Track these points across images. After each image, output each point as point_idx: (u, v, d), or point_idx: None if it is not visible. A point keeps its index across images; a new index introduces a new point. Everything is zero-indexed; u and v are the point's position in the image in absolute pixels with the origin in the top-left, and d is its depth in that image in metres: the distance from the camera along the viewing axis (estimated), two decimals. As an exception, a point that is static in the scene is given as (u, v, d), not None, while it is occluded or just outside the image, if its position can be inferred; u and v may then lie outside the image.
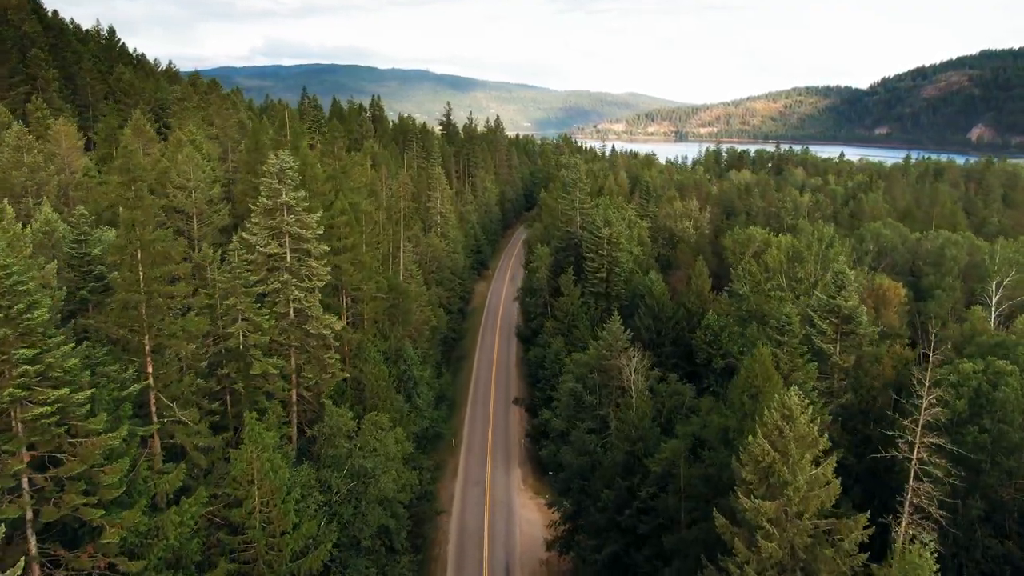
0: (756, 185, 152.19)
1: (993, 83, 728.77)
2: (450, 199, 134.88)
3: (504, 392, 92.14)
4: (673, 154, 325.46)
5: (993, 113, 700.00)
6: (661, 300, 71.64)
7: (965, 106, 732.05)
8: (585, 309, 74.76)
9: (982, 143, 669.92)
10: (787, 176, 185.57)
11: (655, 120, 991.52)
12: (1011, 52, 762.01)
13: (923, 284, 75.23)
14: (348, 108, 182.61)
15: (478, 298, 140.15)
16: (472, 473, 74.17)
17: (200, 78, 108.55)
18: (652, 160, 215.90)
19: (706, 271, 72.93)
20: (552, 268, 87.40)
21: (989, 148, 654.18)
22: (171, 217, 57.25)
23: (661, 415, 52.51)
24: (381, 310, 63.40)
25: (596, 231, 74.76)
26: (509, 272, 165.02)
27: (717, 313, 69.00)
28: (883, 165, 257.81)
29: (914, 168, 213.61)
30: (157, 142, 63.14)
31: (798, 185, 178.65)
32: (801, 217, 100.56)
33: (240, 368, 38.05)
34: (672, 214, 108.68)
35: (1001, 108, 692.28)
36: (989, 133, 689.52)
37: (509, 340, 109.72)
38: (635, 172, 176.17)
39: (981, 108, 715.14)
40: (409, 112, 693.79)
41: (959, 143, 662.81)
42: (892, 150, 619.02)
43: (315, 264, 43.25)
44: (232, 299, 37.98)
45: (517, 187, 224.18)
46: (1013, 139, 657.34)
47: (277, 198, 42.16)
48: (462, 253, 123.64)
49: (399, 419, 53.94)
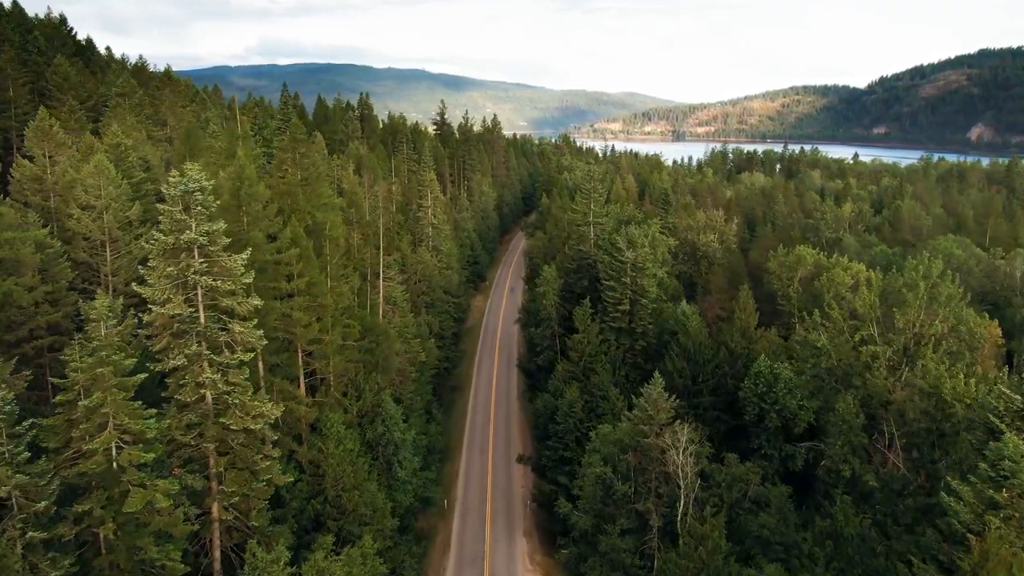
0: (778, 191, 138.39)
1: (992, 82, 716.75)
2: (444, 207, 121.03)
3: (504, 437, 78.24)
4: (671, 154, 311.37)
5: (993, 112, 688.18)
6: (698, 339, 58.07)
7: (964, 105, 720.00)
8: (604, 347, 61.06)
9: (982, 142, 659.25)
10: (804, 179, 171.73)
11: (652, 120, 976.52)
12: (1010, 51, 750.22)
13: (1011, 316, 61.78)
14: (334, 106, 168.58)
15: (475, 314, 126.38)
16: (468, 547, 60.37)
17: (147, 68, 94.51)
18: (660, 163, 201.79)
19: (752, 303, 59.29)
20: (561, 293, 73.69)
21: (989, 148, 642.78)
22: (75, 246, 43.43)
23: (720, 510, 38.97)
24: (353, 359, 49.84)
25: (617, 254, 60.97)
26: (508, 283, 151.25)
27: (768, 355, 55.46)
28: (897, 166, 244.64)
29: (933, 169, 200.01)
30: (69, 147, 49.30)
31: (816, 188, 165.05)
32: (843, 230, 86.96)
33: (110, 500, 24.39)
34: (694, 226, 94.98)
35: (1001, 107, 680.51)
36: (989, 132, 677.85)
37: (509, 369, 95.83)
38: (643, 175, 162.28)
39: (980, 107, 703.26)
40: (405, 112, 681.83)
41: (959, 142, 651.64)
42: (891, 150, 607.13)
43: (240, 328, 29.47)
44: (98, 395, 24.35)
45: (515, 190, 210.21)
46: (1013, 138, 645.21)
47: (181, 234, 28.41)
48: (457, 267, 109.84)
49: (371, 516, 40.30)
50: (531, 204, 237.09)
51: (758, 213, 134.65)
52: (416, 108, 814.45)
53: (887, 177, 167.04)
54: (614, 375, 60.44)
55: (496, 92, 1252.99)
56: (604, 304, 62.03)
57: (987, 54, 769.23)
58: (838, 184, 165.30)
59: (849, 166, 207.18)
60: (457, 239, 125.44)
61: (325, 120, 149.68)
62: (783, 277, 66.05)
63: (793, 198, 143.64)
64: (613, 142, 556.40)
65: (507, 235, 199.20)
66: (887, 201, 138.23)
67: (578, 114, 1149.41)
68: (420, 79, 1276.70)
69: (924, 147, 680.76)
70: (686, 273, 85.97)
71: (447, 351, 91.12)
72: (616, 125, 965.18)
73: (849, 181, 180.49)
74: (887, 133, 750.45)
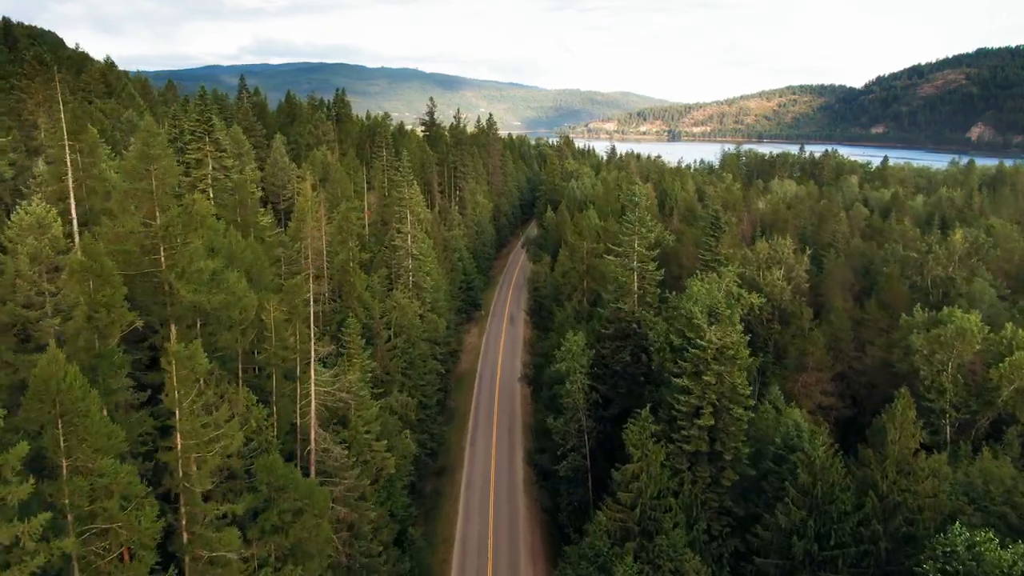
0: (832, 205, 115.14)
1: (991, 81, 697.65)
2: (430, 225, 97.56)
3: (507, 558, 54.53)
4: (668, 155, 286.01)
5: (993, 111, 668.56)
6: (827, 476, 35.12)
7: (963, 105, 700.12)
8: (674, 484, 37.75)
9: (982, 142, 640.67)
10: (843, 187, 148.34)
11: (647, 119, 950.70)
12: (1008, 50, 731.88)
13: None
14: (307, 104, 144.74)
15: (468, 355, 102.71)
16: None
17: (41, 51, 71.21)
18: (681, 169, 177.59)
19: (912, 413, 36.08)
20: (592, 369, 50.31)
21: (990, 147, 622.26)
22: None
23: None
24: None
25: (694, 334, 37.50)
26: (507, 308, 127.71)
27: (958, 512, 32.45)
28: (928, 169, 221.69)
29: (975, 175, 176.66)
30: None
31: (856, 198, 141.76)
32: (963, 277, 63.54)
33: None
34: (751, 258, 71.77)
35: (1002, 107, 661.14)
36: (989, 132, 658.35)
37: (512, 454, 72.25)
38: (662, 183, 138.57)
39: (980, 107, 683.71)
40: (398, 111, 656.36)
41: (959, 142, 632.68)
42: (891, 149, 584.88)
43: None
44: None
45: (513, 198, 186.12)
46: (1015, 138, 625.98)
47: None
48: (445, 304, 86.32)
49: None
50: (530, 212, 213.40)
51: (808, 233, 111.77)
52: (409, 108, 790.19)
53: (945, 187, 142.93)
54: (690, 530, 37.11)
55: (490, 91, 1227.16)
56: (670, 413, 38.65)
57: (985, 53, 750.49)
58: (882, 193, 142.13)
59: (881, 171, 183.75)
60: (447, 264, 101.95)
61: (291, 120, 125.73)
62: (929, 357, 42.89)
63: (840, 212, 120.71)
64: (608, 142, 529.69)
65: (505, 247, 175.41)
66: (953, 216, 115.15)
67: (572, 114, 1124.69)
68: (413, 78, 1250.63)
69: (923, 147, 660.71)
70: (754, 326, 62.20)
71: (430, 426, 67.79)
72: (611, 125, 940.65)
73: (896, 190, 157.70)
74: (886, 132, 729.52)
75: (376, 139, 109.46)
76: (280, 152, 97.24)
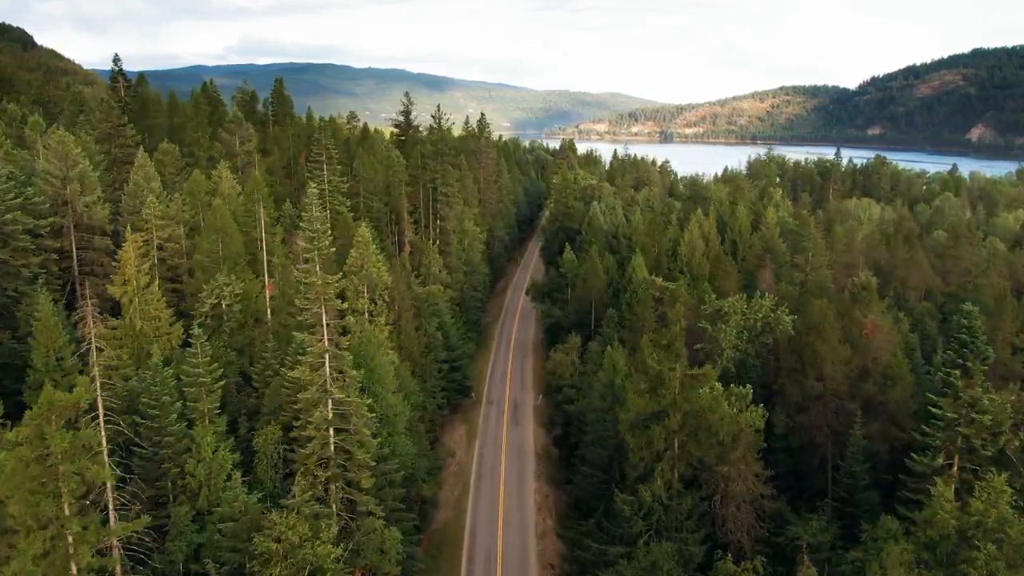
0: (963, 240, 77.65)
1: (989, 82, 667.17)
2: (392, 291, 59.27)
3: None
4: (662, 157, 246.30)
5: (993, 112, 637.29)
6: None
7: (961, 105, 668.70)
8: None
9: (983, 143, 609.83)
10: (945, 208, 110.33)
11: (639, 120, 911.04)
12: (1005, 50, 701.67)
13: None
14: (240, 100, 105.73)
15: (447, 500, 63.40)
16: None
17: None
18: (738, 181, 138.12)
19: None
20: None
21: (992, 149, 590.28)
22: None
23: None
24: None
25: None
26: (508, 386, 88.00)
27: None
28: (983, 176, 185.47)
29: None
30: None
31: (966, 223, 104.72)
32: None
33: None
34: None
35: (1002, 107, 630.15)
36: (990, 133, 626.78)
37: None
38: (720, 211, 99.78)
39: (979, 108, 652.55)
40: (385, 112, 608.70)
41: (959, 144, 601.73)
42: (889, 151, 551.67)
43: None
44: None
45: (510, 216, 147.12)
46: (1017, 139, 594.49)
47: None
48: (403, 448, 48.09)
49: None
50: (528, 229, 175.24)
51: (935, 286, 74.55)
52: (396, 109, 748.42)
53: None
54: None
55: (478, 92, 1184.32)
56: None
57: (981, 54, 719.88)
58: (1004, 219, 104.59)
59: (950, 180, 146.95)
60: (420, 340, 63.62)
61: (209, 124, 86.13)
62: None
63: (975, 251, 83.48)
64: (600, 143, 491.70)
65: (501, 280, 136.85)
66: None
67: (561, 115, 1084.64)
68: (400, 79, 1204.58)
69: (922, 148, 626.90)
70: None
71: None
72: (602, 126, 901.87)
73: (975, 207, 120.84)
74: (883, 134, 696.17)
75: (313, 149, 70.19)
76: (147, 174, 57.91)
